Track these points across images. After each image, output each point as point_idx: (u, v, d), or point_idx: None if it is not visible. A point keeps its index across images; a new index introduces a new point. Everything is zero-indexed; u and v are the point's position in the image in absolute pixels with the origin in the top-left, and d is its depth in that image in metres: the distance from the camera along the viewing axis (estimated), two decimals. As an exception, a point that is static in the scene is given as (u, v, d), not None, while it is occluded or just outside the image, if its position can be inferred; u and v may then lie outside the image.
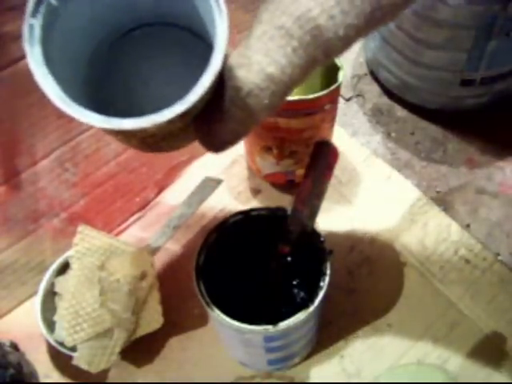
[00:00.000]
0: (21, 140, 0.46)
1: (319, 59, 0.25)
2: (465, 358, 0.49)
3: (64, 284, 0.49)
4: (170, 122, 0.23)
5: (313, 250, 0.42)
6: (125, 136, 0.26)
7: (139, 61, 0.30)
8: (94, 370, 0.46)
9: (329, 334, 0.50)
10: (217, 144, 0.26)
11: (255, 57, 0.24)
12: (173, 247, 0.55)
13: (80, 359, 0.46)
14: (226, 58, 0.24)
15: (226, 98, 0.25)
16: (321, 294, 0.40)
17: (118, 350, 0.47)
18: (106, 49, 0.29)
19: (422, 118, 0.65)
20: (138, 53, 0.30)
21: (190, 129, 0.26)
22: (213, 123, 0.25)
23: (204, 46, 0.28)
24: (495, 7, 0.51)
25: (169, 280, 0.54)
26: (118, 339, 0.47)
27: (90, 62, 0.28)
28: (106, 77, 0.29)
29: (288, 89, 0.25)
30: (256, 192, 0.59)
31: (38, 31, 0.22)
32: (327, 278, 0.40)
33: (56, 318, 0.48)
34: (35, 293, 0.50)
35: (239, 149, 0.60)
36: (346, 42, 0.24)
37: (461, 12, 0.52)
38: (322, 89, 0.48)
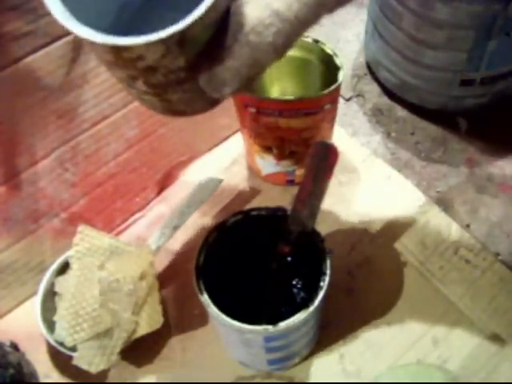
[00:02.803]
0: (21, 140, 0.45)
1: (328, 1, 0.24)
2: (465, 358, 0.49)
3: (64, 284, 0.49)
4: (168, 47, 0.22)
5: (313, 249, 0.42)
6: (127, 69, 0.25)
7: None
8: (94, 369, 0.46)
9: (329, 333, 0.50)
10: (217, 83, 0.25)
11: None
12: (173, 247, 0.55)
13: (80, 359, 0.46)
14: None
15: (229, 33, 0.24)
16: (321, 294, 0.40)
17: (117, 350, 0.47)
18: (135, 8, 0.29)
19: (422, 118, 0.65)
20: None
21: (195, 80, 0.25)
22: (214, 60, 0.24)
23: None
24: (495, 7, 0.51)
25: (169, 280, 0.54)
26: (118, 339, 0.47)
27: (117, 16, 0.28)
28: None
29: (294, 29, 0.24)
30: (256, 192, 0.59)
31: None
32: (327, 278, 0.40)
33: (56, 318, 0.48)
34: (35, 293, 0.50)
35: (239, 149, 0.60)
36: None
37: (461, 12, 0.52)
38: (322, 89, 0.48)
